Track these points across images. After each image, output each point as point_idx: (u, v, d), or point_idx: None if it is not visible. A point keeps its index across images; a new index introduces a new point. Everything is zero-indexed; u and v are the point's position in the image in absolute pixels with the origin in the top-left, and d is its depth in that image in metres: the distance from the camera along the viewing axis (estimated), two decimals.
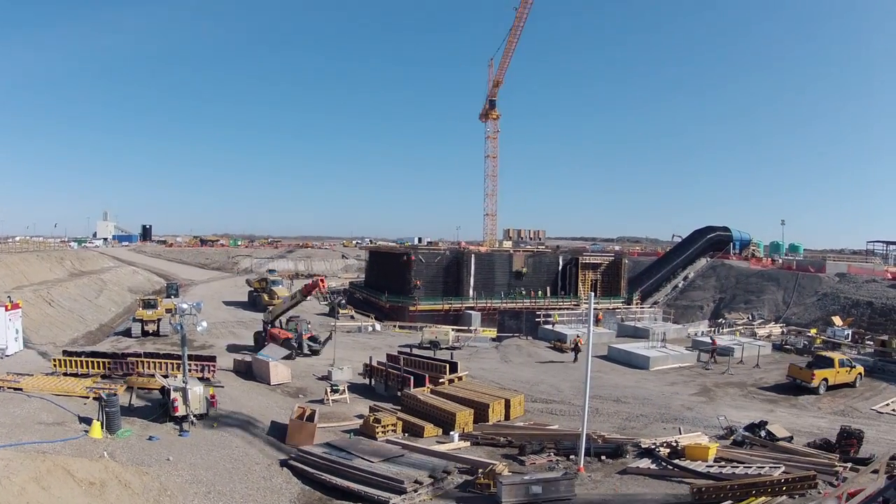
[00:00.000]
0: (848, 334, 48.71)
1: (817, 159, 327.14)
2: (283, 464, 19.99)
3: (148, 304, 48.82)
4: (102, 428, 20.29)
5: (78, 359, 29.96)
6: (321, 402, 28.93)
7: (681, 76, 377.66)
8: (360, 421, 25.49)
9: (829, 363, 34.71)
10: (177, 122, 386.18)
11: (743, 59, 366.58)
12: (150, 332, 46.38)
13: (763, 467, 19.33)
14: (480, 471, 19.00)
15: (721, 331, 54.94)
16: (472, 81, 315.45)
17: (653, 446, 21.82)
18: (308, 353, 40.42)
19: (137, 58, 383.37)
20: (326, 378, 34.35)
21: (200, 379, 26.87)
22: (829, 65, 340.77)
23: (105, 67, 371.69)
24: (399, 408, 27.50)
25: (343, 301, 61.27)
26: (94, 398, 23.54)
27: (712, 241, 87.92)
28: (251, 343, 42.51)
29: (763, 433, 23.58)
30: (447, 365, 32.32)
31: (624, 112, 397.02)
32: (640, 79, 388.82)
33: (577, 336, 46.24)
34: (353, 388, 32.52)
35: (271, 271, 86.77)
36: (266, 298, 62.32)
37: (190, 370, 26.07)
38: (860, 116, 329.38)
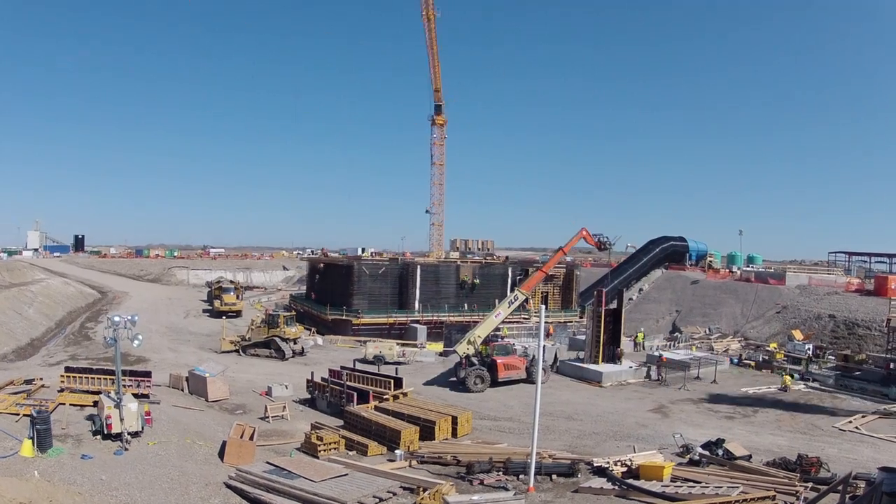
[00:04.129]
0: (809, 349, 47.19)
1: (776, 167, 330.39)
2: (223, 484, 19.36)
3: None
4: (34, 446, 19.52)
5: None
6: (262, 418, 28.31)
7: (634, 83, 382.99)
8: (302, 438, 24.97)
9: None
10: (110, 129, 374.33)
11: (697, 64, 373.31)
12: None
13: (721, 487, 19.13)
14: (427, 491, 18.68)
15: (677, 345, 54.66)
16: (418, 86, 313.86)
17: (606, 465, 21.54)
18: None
19: (65, 63, 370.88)
20: (267, 394, 33.74)
21: (136, 395, 25.93)
22: (792, 70, 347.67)
23: (35, 72, 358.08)
24: (342, 425, 27.05)
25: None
26: (25, 415, 22.64)
27: (668, 251, 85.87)
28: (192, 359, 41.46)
29: (721, 451, 23.20)
30: (392, 380, 31.96)
31: (575, 120, 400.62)
32: (593, 85, 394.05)
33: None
34: (295, 404, 31.97)
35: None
36: (217, 305, 70.78)
37: (124, 386, 25.17)
38: (821, 124, 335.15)
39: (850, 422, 30.77)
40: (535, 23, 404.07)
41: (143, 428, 22.51)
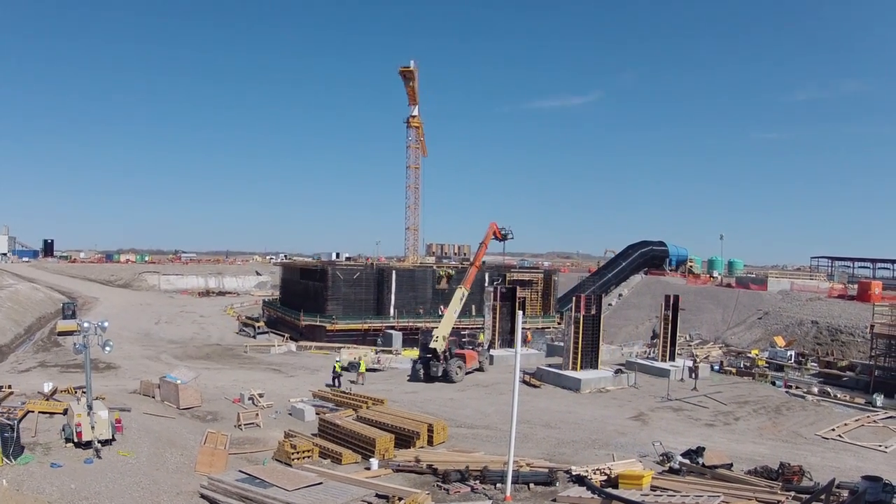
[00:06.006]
0: (791, 355, 47.21)
1: (757, 172, 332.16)
2: (195, 493, 19.12)
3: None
4: (1, 454, 19.14)
5: None
6: (234, 426, 28.01)
7: (614, 84, 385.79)
8: (276, 447, 24.74)
9: None
10: (80, 132, 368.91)
11: (676, 64, 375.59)
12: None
13: (701, 496, 18.94)
14: (402, 500, 18.55)
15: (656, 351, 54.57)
16: (393, 88, 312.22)
17: (585, 474, 21.37)
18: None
19: (33, 64, 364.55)
20: (239, 401, 33.41)
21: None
22: (772, 71, 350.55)
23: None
24: (317, 433, 26.86)
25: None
26: None
27: (647, 256, 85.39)
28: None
29: (701, 460, 23.08)
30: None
31: (554, 123, 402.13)
32: (572, 87, 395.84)
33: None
34: (270, 412, 31.67)
35: None
36: None
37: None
38: (805, 129, 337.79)
39: (833, 430, 30.59)
40: (518, 37, 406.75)
41: (113, 436, 22.13)
